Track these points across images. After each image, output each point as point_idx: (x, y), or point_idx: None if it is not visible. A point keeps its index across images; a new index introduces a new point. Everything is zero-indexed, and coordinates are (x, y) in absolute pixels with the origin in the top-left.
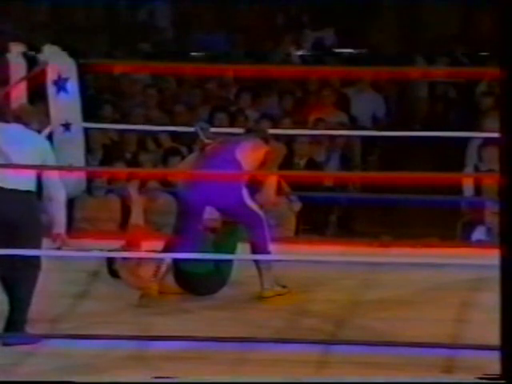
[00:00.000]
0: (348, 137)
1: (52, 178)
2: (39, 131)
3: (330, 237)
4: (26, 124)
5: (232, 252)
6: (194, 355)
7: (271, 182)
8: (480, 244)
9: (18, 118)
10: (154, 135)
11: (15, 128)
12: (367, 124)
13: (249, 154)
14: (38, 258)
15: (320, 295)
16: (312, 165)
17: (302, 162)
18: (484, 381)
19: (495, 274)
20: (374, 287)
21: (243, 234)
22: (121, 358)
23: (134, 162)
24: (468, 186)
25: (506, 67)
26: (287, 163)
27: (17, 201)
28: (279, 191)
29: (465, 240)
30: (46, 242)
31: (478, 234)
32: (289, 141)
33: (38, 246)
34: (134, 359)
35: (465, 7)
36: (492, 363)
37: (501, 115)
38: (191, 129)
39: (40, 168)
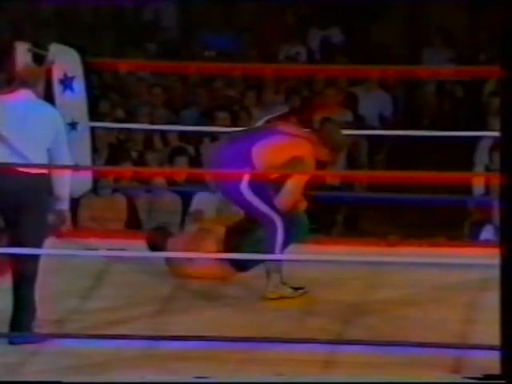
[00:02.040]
0: (355, 136)
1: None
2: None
3: (337, 236)
4: (32, 87)
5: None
6: (202, 355)
7: (293, 185)
8: (488, 243)
9: (24, 82)
10: (161, 134)
11: (23, 100)
12: (374, 123)
13: (265, 154)
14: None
15: (326, 295)
16: None
17: None
18: (484, 381)
19: None
20: (380, 287)
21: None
22: (127, 357)
23: (140, 161)
24: (479, 185)
25: (507, 67)
26: None
27: (27, 182)
28: None
29: (473, 239)
30: (52, 240)
31: (487, 233)
32: None
33: (43, 231)
34: (141, 359)
35: (474, 5)
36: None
37: (501, 115)
38: (198, 128)
39: (47, 167)
